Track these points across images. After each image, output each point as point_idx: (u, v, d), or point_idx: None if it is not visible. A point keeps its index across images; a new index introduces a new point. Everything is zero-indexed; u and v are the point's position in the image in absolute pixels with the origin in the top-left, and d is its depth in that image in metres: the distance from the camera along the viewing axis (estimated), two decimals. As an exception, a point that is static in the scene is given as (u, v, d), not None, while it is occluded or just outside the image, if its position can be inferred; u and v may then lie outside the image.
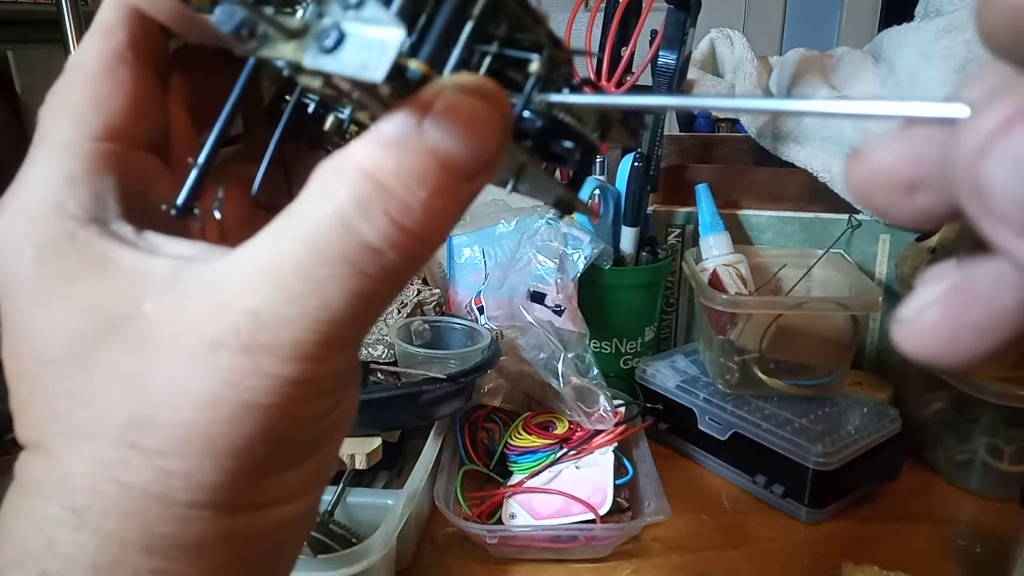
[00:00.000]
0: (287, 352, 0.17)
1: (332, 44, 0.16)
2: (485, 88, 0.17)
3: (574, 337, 0.72)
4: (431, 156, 0.16)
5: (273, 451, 0.18)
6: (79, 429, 0.17)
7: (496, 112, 0.17)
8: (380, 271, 0.17)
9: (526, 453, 0.65)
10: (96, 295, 0.18)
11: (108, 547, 0.17)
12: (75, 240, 0.18)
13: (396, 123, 0.17)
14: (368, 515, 0.56)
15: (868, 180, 0.15)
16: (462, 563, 0.58)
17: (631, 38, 0.72)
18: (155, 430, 0.17)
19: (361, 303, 0.17)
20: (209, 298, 0.17)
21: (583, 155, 0.20)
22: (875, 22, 2.40)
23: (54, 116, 0.20)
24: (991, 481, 0.67)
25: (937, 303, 0.14)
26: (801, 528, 0.63)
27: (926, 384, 0.71)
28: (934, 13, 0.81)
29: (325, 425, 0.19)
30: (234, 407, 0.17)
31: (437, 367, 0.63)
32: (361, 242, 0.16)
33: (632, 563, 0.58)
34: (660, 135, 0.76)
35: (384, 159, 0.16)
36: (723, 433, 0.68)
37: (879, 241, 0.81)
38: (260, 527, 0.19)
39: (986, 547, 0.60)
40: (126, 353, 0.17)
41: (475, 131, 0.17)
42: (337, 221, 0.16)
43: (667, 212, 0.84)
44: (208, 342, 0.17)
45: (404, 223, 0.16)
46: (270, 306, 0.16)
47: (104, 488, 0.17)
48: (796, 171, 0.82)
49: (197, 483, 0.17)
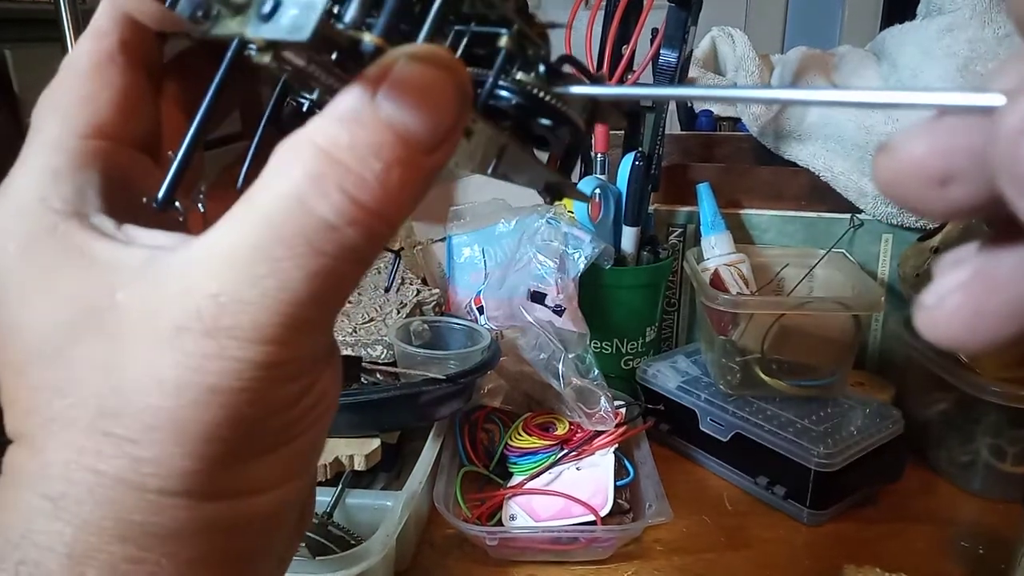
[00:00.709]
0: (249, 335, 0.16)
1: (268, 11, 0.16)
2: (438, 56, 0.17)
3: (574, 337, 0.71)
4: (386, 129, 0.16)
5: (242, 437, 0.18)
6: (56, 419, 0.18)
7: (451, 81, 0.17)
8: (339, 249, 0.16)
9: (526, 454, 0.65)
10: (74, 286, 0.18)
11: (83, 535, 0.17)
12: (55, 233, 0.19)
13: (350, 97, 0.16)
14: (367, 517, 0.56)
15: (898, 175, 0.15)
16: (462, 565, 0.58)
17: (632, 36, 0.72)
18: (125, 417, 0.17)
19: (322, 283, 0.17)
20: (175, 284, 0.17)
21: (569, 135, 0.20)
22: (877, 21, 2.40)
23: (45, 115, 0.20)
24: (994, 482, 0.66)
25: (959, 289, 0.14)
26: (803, 529, 0.63)
27: (928, 385, 0.71)
28: (936, 12, 0.81)
29: (298, 411, 0.19)
30: (199, 391, 0.17)
31: (437, 367, 0.63)
32: (317, 219, 0.16)
33: (633, 565, 0.58)
34: (661, 134, 0.75)
35: (338, 134, 0.16)
36: (725, 434, 0.68)
37: (881, 241, 0.81)
38: (236, 517, 0.19)
39: (989, 548, 0.60)
40: (100, 342, 0.17)
41: (430, 101, 0.16)
42: (292, 199, 0.16)
43: (668, 211, 0.84)
44: (173, 327, 0.17)
45: (361, 198, 0.16)
46: (230, 289, 0.16)
47: (79, 476, 0.17)
48: (798, 170, 0.82)
49: (167, 470, 0.17)
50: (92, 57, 0.21)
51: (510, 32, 0.18)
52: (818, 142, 0.80)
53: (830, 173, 0.79)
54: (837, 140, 0.78)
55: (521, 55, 0.19)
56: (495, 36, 0.18)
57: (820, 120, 0.79)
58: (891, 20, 0.90)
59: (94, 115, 0.20)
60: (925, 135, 0.14)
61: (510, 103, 0.19)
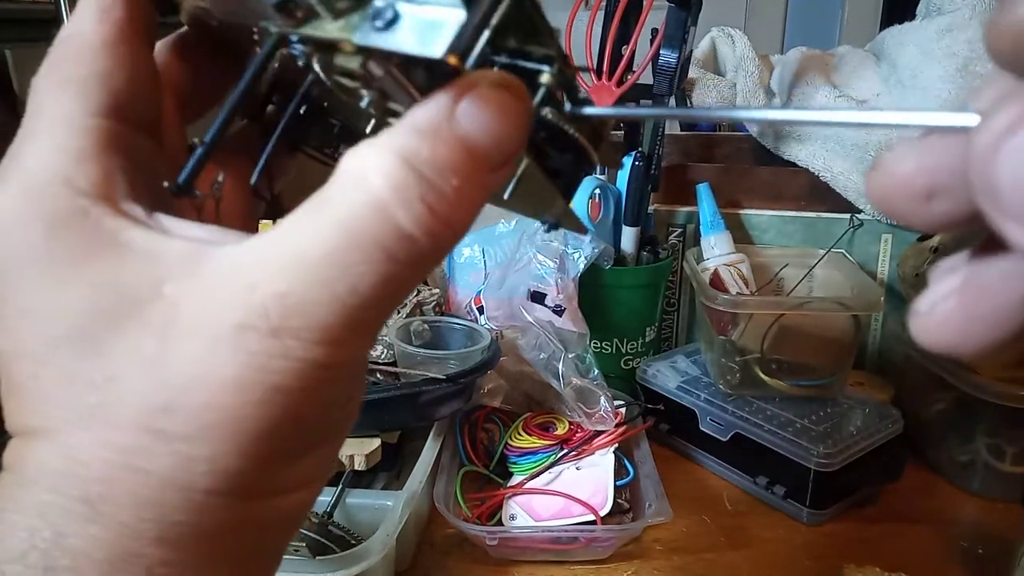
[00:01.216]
0: (315, 336, 0.17)
1: (385, 23, 0.17)
2: (513, 84, 0.18)
3: (574, 337, 0.71)
4: (463, 146, 0.17)
5: (295, 435, 0.18)
6: (93, 415, 0.17)
7: (523, 107, 0.18)
8: (410, 257, 0.17)
9: (526, 454, 0.65)
10: (111, 275, 0.18)
11: (121, 539, 0.17)
12: (87, 217, 0.18)
13: (429, 112, 0.17)
14: (367, 516, 0.56)
15: (887, 190, 0.16)
16: (462, 565, 0.58)
17: (632, 37, 0.72)
18: (179, 415, 0.16)
19: (388, 288, 0.17)
20: (235, 281, 0.17)
21: (581, 169, 0.21)
22: (876, 21, 2.40)
23: (54, 89, 0.19)
24: (993, 482, 0.67)
25: (950, 296, 0.15)
26: (803, 529, 0.63)
27: (928, 385, 0.71)
28: (935, 12, 0.81)
29: (342, 411, 0.19)
30: (262, 390, 0.17)
31: (437, 367, 0.63)
32: (396, 228, 0.16)
33: (633, 564, 0.58)
34: (661, 134, 0.75)
35: (420, 147, 0.17)
36: (724, 434, 0.68)
37: (881, 241, 0.81)
38: (270, 515, 0.19)
39: (988, 548, 0.60)
40: (146, 335, 0.17)
41: (503, 123, 0.17)
42: (373, 207, 0.16)
43: (668, 212, 0.84)
44: (235, 325, 0.16)
45: (438, 210, 0.17)
46: (300, 289, 0.16)
47: (120, 476, 0.17)
48: (798, 170, 0.82)
49: (220, 468, 0.17)
50: (102, 31, 0.20)
51: (551, 71, 0.19)
52: (817, 142, 0.80)
53: (829, 173, 0.79)
54: (837, 140, 0.78)
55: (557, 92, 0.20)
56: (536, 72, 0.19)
57: (820, 120, 0.79)
58: (891, 20, 0.91)
59: (111, 94, 0.20)
60: (912, 153, 0.15)
61: (539, 135, 0.20)
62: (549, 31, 0.19)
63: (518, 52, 0.19)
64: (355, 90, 0.19)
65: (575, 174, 0.21)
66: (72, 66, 0.20)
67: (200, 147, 0.20)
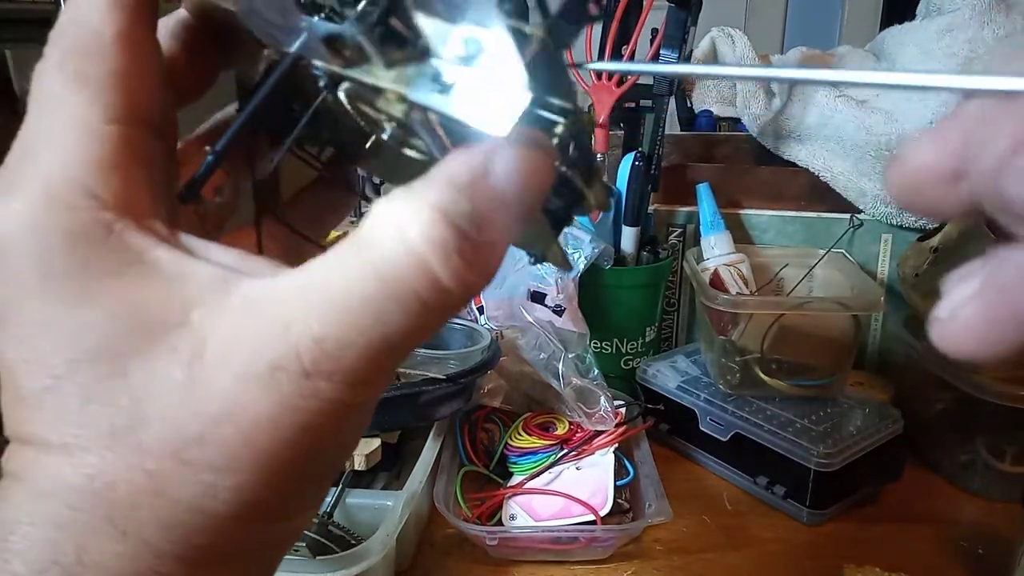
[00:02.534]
0: (346, 379, 0.17)
1: (441, 88, 0.17)
2: (543, 143, 0.18)
3: (574, 337, 0.71)
4: (497, 200, 0.17)
5: (316, 467, 0.19)
6: (119, 438, 0.17)
7: (550, 163, 0.18)
8: (443, 306, 0.17)
9: (526, 454, 0.65)
10: (136, 295, 0.17)
11: (143, 558, 0.17)
12: (111, 232, 0.18)
13: (467, 167, 0.17)
14: (367, 516, 0.56)
15: (913, 178, 0.16)
16: (462, 565, 0.58)
17: (632, 37, 0.72)
18: (210, 447, 0.17)
19: (418, 335, 0.17)
20: (270, 318, 0.17)
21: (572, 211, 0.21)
22: (876, 21, 2.40)
23: (69, 85, 0.18)
24: (993, 482, 0.67)
25: (970, 301, 0.15)
26: (803, 529, 0.63)
27: (928, 385, 0.71)
28: (935, 12, 0.81)
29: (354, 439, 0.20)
30: (293, 430, 0.17)
31: (437, 367, 0.63)
32: (433, 280, 0.17)
33: (633, 564, 0.58)
34: (661, 134, 0.75)
35: (458, 201, 0.17)
36: (724, 434, 0.68)
37: (881, 241, 0.81)
38: (285, 535, 0.20)
39: (988, 548, 0.60)
40: (174, 363, 0.17)
41: (533, 179, 0.17)
42: (412, 260, 0.16)
43: (668, 212, 0.84)
44: (268, 363, 0.16)
45: (474, 262, 0.17)
46: (334, 334, 0.16)
47: (148, 501, 0.17)
48: (798, 170, 0.82)
49: (245, 499, 0.17)
50: (115, 22, 0.19)
51: (566, 122, 0.19)
52: (818, 142, 0.80)
53: (830, 173, 0.80)
54: (837, 140, 0.78)
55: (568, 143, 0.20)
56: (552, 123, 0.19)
57: (819, 120, 0.79)
58: (891, 20, 0.90)
59: (129, 96, 0.19)
60: (931, 140, 0.15)
61: None
62: (569, 85, 0.19)
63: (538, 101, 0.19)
64: (378, 120, 0.19)
65: (567, 214, 0.21)
66: (86, 61, 0.18)
67: (211, 155, 0.20)
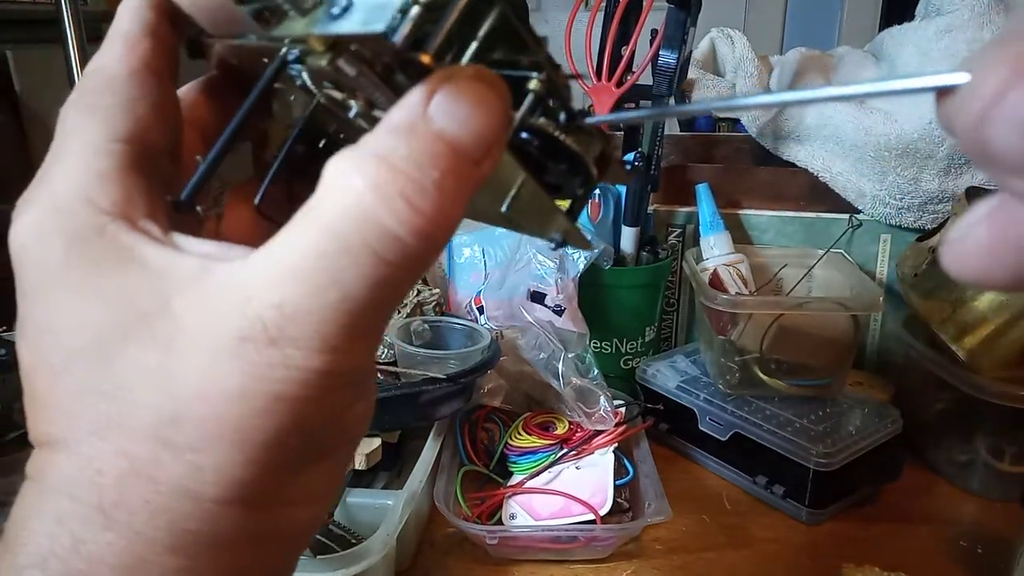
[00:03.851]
0: (313, 344, 0.17)
1: (339, 11, 0.17)
2: (485, 75, 0.18)
3: (574, 337, 0.71)
4: (440, 140, 0.17)
5: (302, 444, 0.18)
6: (107, 425, 0.17)
7: (498, 96, 0.18)
8: (399, 258, 0.17)
9: (526, 453, 0.65)
10: (123, 289, 0.18)
11: (135, 546, 0.17)
12: (104, 234, 0.18)
13: (404, 110, 0.17)
14: (368, 516, 0.56)
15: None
16: (462, 564, 0.58)
17: (631, 37, 0.72)
18: (185, 425, 0.17)
19: (381, 291, 0.17)
20: (234, 294, 0.17)
21: (580, 184, 0.21)
22: (876, 22, 2.40)
23: (82, 116, 0.20)
24: (992, 482, 0.67)
25: (981, 222, 0.14)
26: (802, 529, 0.63)
27: (927, 384, 0.71)
28: (935, 13, 0.81)
29: (348, 420, 0.19)
30: (265, 400, 0.17)
31: (437, 367, 0.63)
32: (381, 228, 0.16)
33: (632, 564, 0.58)
34: (661, 135, 0.75)
35: (396, 145, 0.17)
36: (724, 433, 0.68)
37: (880, 241, 0.81)
38: (279, 527, 0.19)
39: (987, 548, 0.60)
40: (153, 348, 0.17)
41: (480, 114, 0.17)
42: (356, 209, 0.16)
43: (668, 212, 0.84)
44: (235, 337, 0.17)
45: (421, 206, 0.17)
46: (293, 299, 0.17)
47: (134, 485, 0.17)
48: (797, 171, 0.82)
49: (228, 477, 0.17)
50: (128, 63, 0.21)
51: (539, 77, 0.19)
52: (817, 143, 0.80)
53: (829, 174, 0.80)
54: (836, 141, 0.78)
55: (546, 100, 0.20)
56: (524, 79, 0.19)
57: (819, 121, 0.79)
58: (890, 21, 0.91)
59: (135, 121, 0.20)
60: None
61: (532, 144, 0.20)
62: (536, 40, 0.19)
63: (505, 63, 0.19)
64: (344, 102, 0.20)
65: (573, 186, 0.21)
66: (98, 95, 0.20)
67: (203, 164, 0.21)
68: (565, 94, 0.20)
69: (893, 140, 0.74)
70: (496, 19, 0.18)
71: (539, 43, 0.19)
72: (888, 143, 0.75)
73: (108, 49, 0.21)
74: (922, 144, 0.74)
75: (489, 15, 0.18)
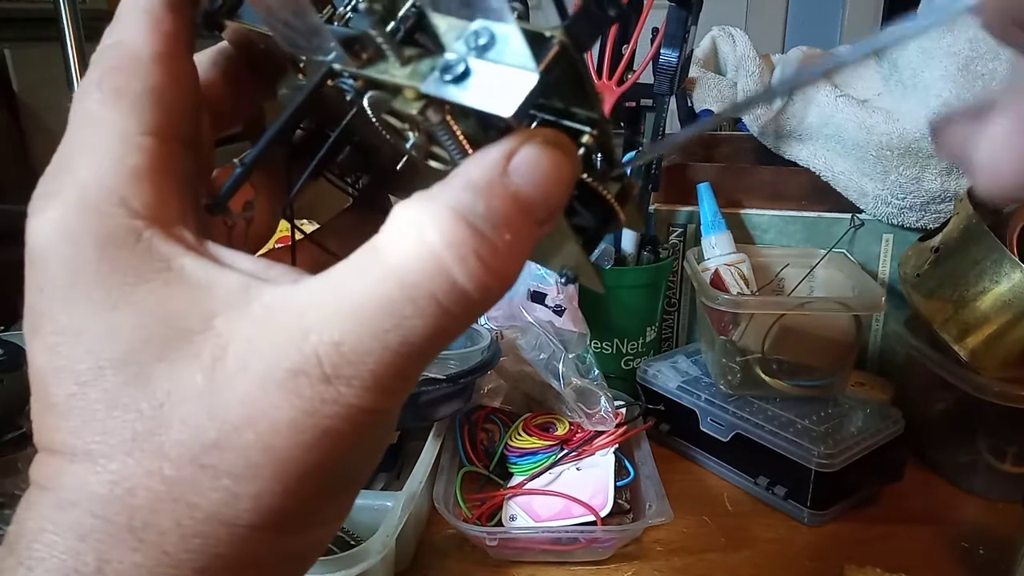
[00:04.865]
0: (366, 383, 0.17)
1: (455, 77, 0.17)
2: (562, 141, 0.18)
3: (575, 337, 0.71)
4: (515, 201, 0.17)
5: (339, 476, 0.18)
6: (141, 444, 0.17)
7: (571, 162, 0.18)
8: (462, 310, 0.17)
9: (526, 454, 0.65)
10: (162, 301, 0.17)
11: (162, 567, 0.17)
12: (140, 240, 0.18)
13: (483, 169, 0.17)
14: (367, 517, 0.56)
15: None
16: (461, 565, 0.58)
17: (632, 36, 0.72)
18: (228, 452, 0.17)
19: (439, 339, 0.17)
20: (289, 324, 0.17)
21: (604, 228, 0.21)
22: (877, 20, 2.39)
23: (108, 100, 0.19)
24: (994, 482, 0.66)
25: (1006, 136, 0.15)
26: (803, 530, 0.63)
27: (929, 385, 0.71)
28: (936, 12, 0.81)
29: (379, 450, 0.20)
30: (313, 433, 0.17)
31: (436, 367, 0.63)
32: (450, 282, 0.17)
33: (633, 565, 0.58)
34: (662, 134, 0.75)
35: (475, 203, 0.17)
36: (725, 434, 0.67)
37: (882, 241, 0.81)
38: (307, 547, 0.20)
39: (989, 549, 0.60)
40: (196, 369, 0.17)
41: (554, 179, 0.18)
42: (429, 261, 0.16)
43: (669, 211, 0.84)
44: (288, 369, 0.17)
45: (491, 264, 0.17)
46: (353, 339, 0.16)
47: (167, 508, 0.17)
48: (799, 170, 0.82)
49: (265, 506, 0.17)
50: (153, 44, 0.20)
51: (591, 132, 0.19)
52: (818, 142, 0.80)
53: (830, 173, 0.79)
54: (838, 140, 0.78)
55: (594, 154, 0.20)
56: (577, 132, 0.19)
57: (820, 120, 0.79)
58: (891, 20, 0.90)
59: (165, 112, 0.19)
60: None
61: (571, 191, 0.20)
62: (595, 94, 0.19)
63: (563, 112, 0.19)
64: (402, 131, 0.20)
65: (599, 232, 0.21)
66: (124, 78, 0.19)
67: (240, 167, 0.20)
68: (613, 148, 0.20)
69: (895, 139, 0.74)
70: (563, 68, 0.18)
71: (597, 98, 0.19)
72: (890, 142, 0.74)
73: (128, 22, 0.20)
74: (924, 143, 0.73)
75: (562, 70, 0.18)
